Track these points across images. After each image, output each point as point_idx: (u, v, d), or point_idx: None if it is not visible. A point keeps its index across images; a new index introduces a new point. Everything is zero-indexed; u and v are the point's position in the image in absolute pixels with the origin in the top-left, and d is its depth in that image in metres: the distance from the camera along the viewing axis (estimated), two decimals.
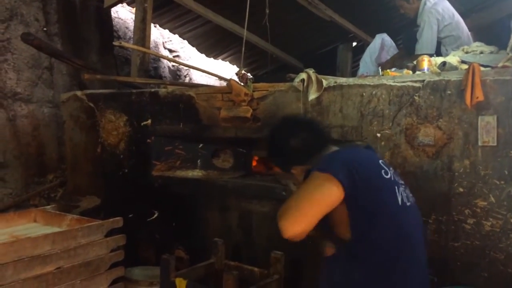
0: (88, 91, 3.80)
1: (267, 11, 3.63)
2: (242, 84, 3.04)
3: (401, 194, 1.57)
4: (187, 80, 6.57)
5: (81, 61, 3.59)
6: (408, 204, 1.58)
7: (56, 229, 2.72)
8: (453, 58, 2.71)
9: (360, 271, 1.49)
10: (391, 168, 1.69)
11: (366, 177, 1.47)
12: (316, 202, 1.45)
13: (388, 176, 1.55)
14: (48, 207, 3.23)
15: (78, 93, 3.79)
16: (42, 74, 4.19)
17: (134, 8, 4.56)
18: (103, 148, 3.64)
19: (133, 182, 3.48)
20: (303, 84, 2.78)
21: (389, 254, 1.48)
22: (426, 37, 3.80)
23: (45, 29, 4.26)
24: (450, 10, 3.91)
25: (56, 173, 4.20)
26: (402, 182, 1.69)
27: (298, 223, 1.46)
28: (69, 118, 3.83)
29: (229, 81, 3.01)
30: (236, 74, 3.14)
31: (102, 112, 3.62)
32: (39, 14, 4.21)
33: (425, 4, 3.85)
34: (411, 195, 1.70)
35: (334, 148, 1.80)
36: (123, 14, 5.49)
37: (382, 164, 1.58)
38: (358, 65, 5.33)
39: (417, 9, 3.90)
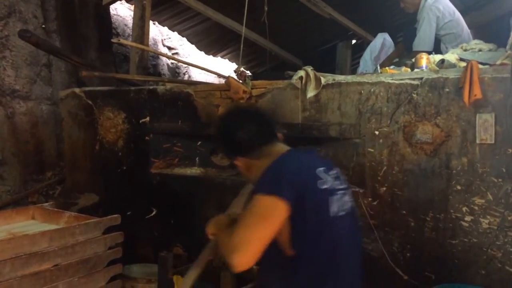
0: (87, 88, 3.79)
1: (266, 8, 3.62)
2: (240, 81, 3.04)
3: (335, 204, 1.52)
4: (186, 77, 6.56)
5: (79, 58, 3.58)
6: (340, 214, 1.53)
7: (54, 227, 2.72)
8: (451, 56, 2.70)
9: (296, 284, 1.49)
10: (332, 172, 1.60)
11: (303, 192, 1.44)
12: (265, 230, 1.40)
13: (324, 186, 1.50)
14: (46, 204, 3.23)
15: (77, 90, 3.78)
16: (41, 71, 4.18)
17: (133, 5, 4.54)
18: (102, 146, 3.63)
19: (131, 180, 3.48)
20: (301, 82, 2.78)
21: (319, 268, 1.48)
22: (424, 34, 3.78)
23: (43, 26, 4.24)
24: (451, 7, 3.90)
25: (54, 171, 4.19)
26: (342, 186, 1.61)
27: (250, 256, 1.39)
28: (67, 116, 3.83)
29: (227, 78, 3.00)
30: (235, 71, 3.13)
31: (101, 110, 3.61)
32: (37, 11, 4.19)
33: (426, 0, 3.83)
34: (349, 199, 1.63)
35: (278, 148, 1.70)
36: (122, 11, 5.48)
37: (318, 174, 1.52)
38: (358, 63, 5.33)
39: (418, 4, 3.88)
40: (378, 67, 3.17)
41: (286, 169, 1.46)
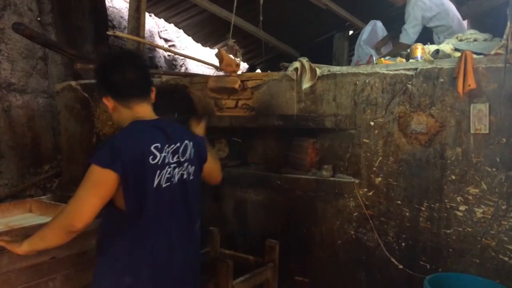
0: (83, 81, 3.79)
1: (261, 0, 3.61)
2: (231, 56, 3.03)
3: (163, 176, 1.70)
4: (183, 69, 6.55)
5: (74, 51, 3.57)
6: (165, 185, 1.71)
7: None
8: (446, 46, 2.70)
9: (123, 242, 1.69)
10: (170, 147, 1.75)
11: (134, 166, 1.61)
12: (95, 197, 1.59)
13: (154, 162, 1.67)
14: (44, 197, 3.22)
15: (73, 83, 3.78)
16: (37, 64, 4.17)
17: None
18: (98, 138, 3.64)
19: None
20: (297, 73, 2.78)
21: (143, 230, 1.68)
22: (408, 28, 3.87)
23: (38, 18, 4.23)
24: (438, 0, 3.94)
25: (51, 164, 4.19)
26: (176, 160, 1.76)
27: (84, 218, 1.60)
28: (64, 109, 3.83)
29: (218, 51, 2.98)
30: (226, 45, 3.11)
31: (97, 102, 3.61)
32: (32, 4, 4.17)
33: None
34: (183, 171, 1.79)
35: (140, 110, 1.80)
36: (118, 3, 5.45)
37: (152, 150, 1.67)
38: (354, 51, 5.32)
39: None
40: (369, 49, 3.16)
41: (124, 145, 1.62)
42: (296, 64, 2.78)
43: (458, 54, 2.59)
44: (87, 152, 3.70)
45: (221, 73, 3.21)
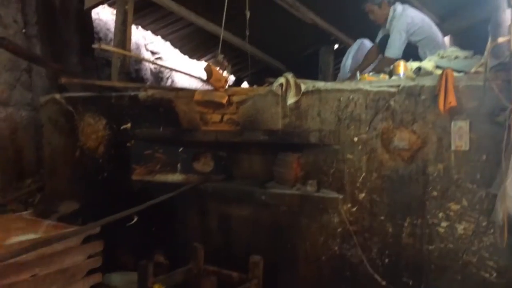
0: (67, 94, 3.76)
1: (248, 14, 3.63)
2: (220, 71, 3.03)
3: None
4: (169, 82, 6.55)
5: (58, 64, 3.55)
6: None
7: (32, 236, 2.68)
8: (428, 63, 2.75)
9: None
10: None
11: None
12: None
13: None
14: (25, 213, 3.19)
15: (57, 96, 3.75)
16: (21, 77, 4.15)
17: (115, 10, 4.52)
18: (82, 152, 3.60)
19: (112, 187, 3.45)
20: (282, 89, 2.80)
21: None
22: (394, 41, 3.94)
23: (24, 30, 4.21)
24: (419, 15, 4.06)
25: (34, 178, 4.15)
26: None
27: None
28: (47, 122, 3.79)
29: (207, 66, 2.97)
30: (215, 61, 3.11)
31: (81, 116, 3.59)
32: (17, 16, 4.16)
33: (394, 10, 3.98)
34: None
35: None
36: (104, 16, 5.45)
37: None
38: (340, 67, 5.38)
39: (387, 15, 4.01)
40: (358, 74, 3.21)
41: None
42: (281, 79, 2.80)
43: (439, 71, 2.63)
44: (70, 166, 3.67)
45: (208, 87, 3.22)
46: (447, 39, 5.49)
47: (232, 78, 7.04)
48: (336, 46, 6.49)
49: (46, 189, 3.88)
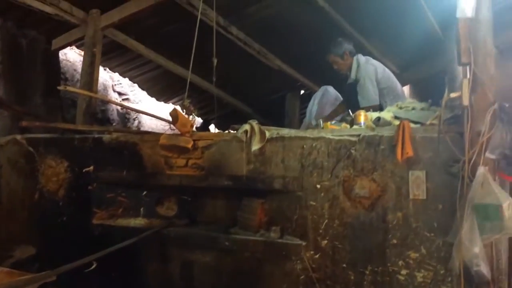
0: (29, 135, 3.68)
1: (215, 61, 3.71)
2: (186, 115, 3.06)
3: None
4: (136, 123, 6.53)
5: (21, 107, 3.51)
6: None
7: None
8: (387, 114, 2.87)
9: None
10: None
11: None
12: None
13: None
14: None
15: (18, 137, 3.66)
16: None
17: (83, 51, 4.53)
18: (41, 195, 3.50)
19: (71, 231, 3.35)
20: (246, 135, 2.84)
21: None
22: (368, 90, 4.01)
23: None
24: (381, 65, 4.23)
25: None
26: None
27: None
28: (6, 163, 3.68)
29: (173, 110, 2.98)
30: (181, 105, 3.11)
31: (42, 157, 3.51)
32: None
33: (358, 60, 4.12)
34: None
35: None
36: (72, 56, 5.45)
37: None
38: (306, 112, 5.52)
39: (350, 65, 4.16)
40: (321, 122, 3.30)
41: None
42: (246, 126, 2.85)
43: (397, 122, 2.75)
44: (28, 209, 3.55)
45: (174, 131, 3.23)
46: (406, 89, 5.75)
47: (199, 120, 7.09)
48: (302, 92, 6.66)
49: (2, 233, 3.72)
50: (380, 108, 3.84)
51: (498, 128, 2.13)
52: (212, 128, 7.08)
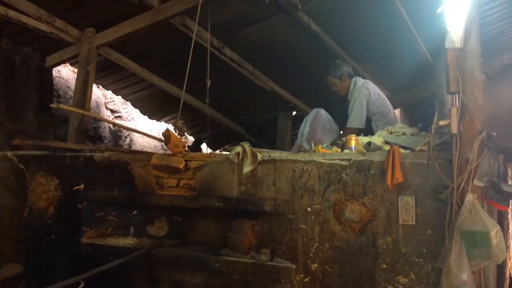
0: (19, 152, 3.66)
1: (208, 82, 3.75)
2: (179, 136, 3.07)
3: None
4: (128, 141, 6.51)
5: (12, 124, 3.49)
6: None
7: None
8: (378, 139, 2.91)
9: None
10: None
11: None
12: None
13: None
14: None
15: (9, 153, 3.64)
16: None
17: (77, 69, 4.55)
18: (31, 212, 3.47)
19: (60, 249, 3.32)
20: (238, 157, 2.86)
21: None
22: (356, 112, 4.12)
23: None
24: (376, 90, 4.30)
25: None
26: None
27: None
28: None
29: (166, 131, 2.99)
30: (174, 124, 3.13)
31: (33, 175, 3.49)
32: None
33: (355, 83, 4.21)
34: None
35: None
36: (65, 74, 5.45)
37: None
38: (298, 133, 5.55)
39: (348, 87, 4.23)
40: (307, 143, 3.33)
41: None
42: (238, 148, 2.87)
43: (388, 147, 2.79)
44: (16, 226, 3.51)
45: (166, 150, 3.24)
46: (397, 112, 5.84)
47: (191, 139, 7.10)
48: (294, 113, 6.72)
49: None
50: (371, 132, 3.90)
51: (486, 156, 2.17)
52: (204, 147, 7.08)
